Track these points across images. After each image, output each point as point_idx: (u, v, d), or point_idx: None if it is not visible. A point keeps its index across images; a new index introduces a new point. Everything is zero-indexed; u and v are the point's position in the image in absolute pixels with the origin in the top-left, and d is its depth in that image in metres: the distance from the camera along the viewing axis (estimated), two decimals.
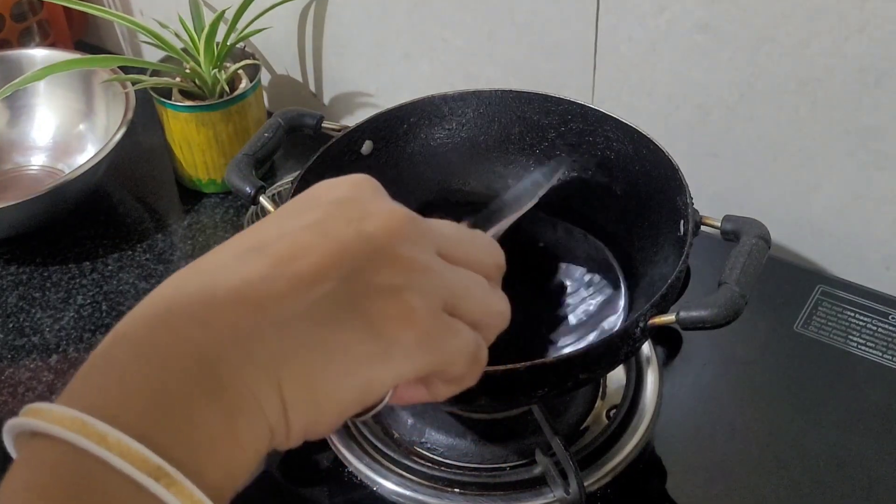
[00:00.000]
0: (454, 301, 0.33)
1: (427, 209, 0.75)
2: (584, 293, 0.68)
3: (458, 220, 0.72)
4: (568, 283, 0.69)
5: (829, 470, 0.63)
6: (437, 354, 0.33)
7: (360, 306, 0.31)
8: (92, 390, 0.28)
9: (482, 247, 0.38)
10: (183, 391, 0.28)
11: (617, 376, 0.69)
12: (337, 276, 0.31)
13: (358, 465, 0.64)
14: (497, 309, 0.36)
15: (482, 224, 0.65)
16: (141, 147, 1.00)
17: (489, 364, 0.35)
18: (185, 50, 0.91)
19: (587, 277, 0.69)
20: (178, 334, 0.29)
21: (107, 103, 0.95)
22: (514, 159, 0.75)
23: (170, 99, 0.89)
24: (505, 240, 0.73)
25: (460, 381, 0.36)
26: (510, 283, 0.71)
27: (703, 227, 0.62)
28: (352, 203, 0.33)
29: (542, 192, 0.69)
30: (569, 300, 0.68)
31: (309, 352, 0.30)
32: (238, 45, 0.93)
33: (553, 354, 0.53)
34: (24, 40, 1.10)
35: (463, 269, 0.35)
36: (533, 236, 0.73)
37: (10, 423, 0.28)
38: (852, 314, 0.73)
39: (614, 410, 0.67)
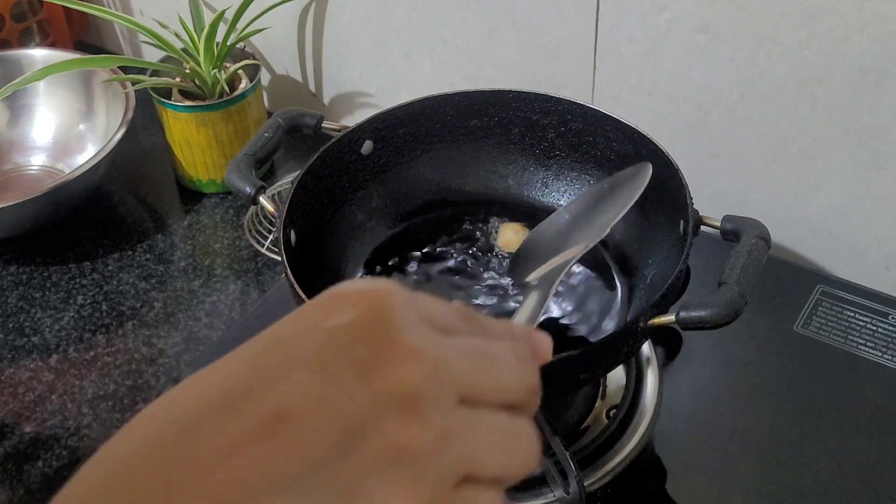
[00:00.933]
0: (472, 468, 0.28)
1: (427, 209, 0.75)
2: (583, 293, 0.68)
3: (458, 221, 0.71)
4: (567, 283, 0.69)
5: (829, 470, 0.63)
6: None
7: (353, 489, 0.26)
8: None
9: (512, 371, 0.31)
10: None
11: (617, 376, 0.69)
12: (332, 449, 0.26)
13: None
14: (522, 458, 0.30)
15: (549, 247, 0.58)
16: (141, 147, 1.00)
17: None
18: (185, 50, 0.91)
19: (587, 277, 0.69)
20: None
21: (107, 103, 0.96)
22: (514, 159, 0.75)
23: (170, 99, 0.89)
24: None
25: None
26: (510, 286, 0.71)
27: (703, 227, 0.62)
28: (366, 337, 0.27)
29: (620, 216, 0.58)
30: (568, 300, 0.68)
31: None
32: (238, 45, 0.93)
33: (553, 354, 0.53)
34: (24, 40, 1.10)
35: (486, 413, 0.29)
36: None
37: None
38: (852, 314, 0.73)
39: (614, 410, 0.67)
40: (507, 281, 0.69)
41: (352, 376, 0.26)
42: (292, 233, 0.65)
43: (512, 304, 0.67)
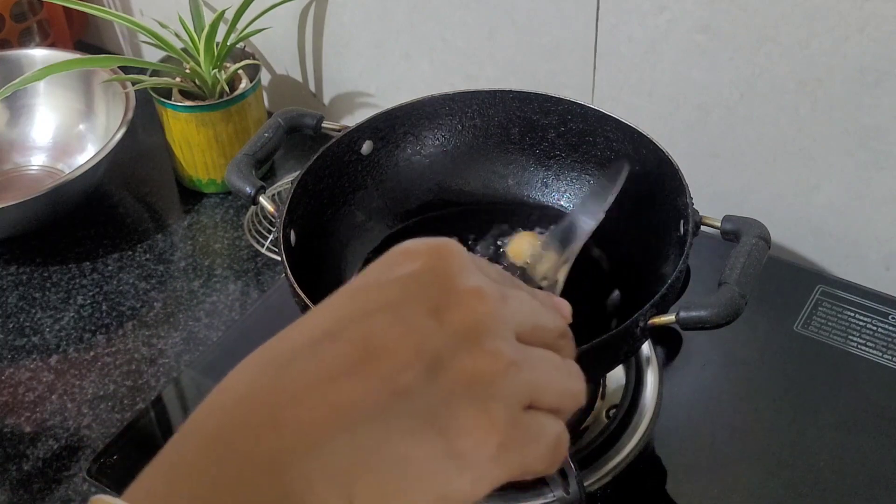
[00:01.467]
0: (536, 395, 0.31)
1: (427, 209, 0.75)
2: (583, 293, 0.68)
3: (458, 221, 0.72)
4: (568, 282, 0.69)
5: (829, 470, 0.63)
6: (518, 465, 0.30)
7: (439, 416, 0.29)
8: (160, 485, 0.28)
9: (550, 316, 0.35)
10: (251, 499, 0.27)
11: (617, 376, 0.69)
12: (416, 378, 0.29)
13: None
14: (575, 391, 0.34)
15: (558, 244, 0.63)
16: (141, 147, 1.00)
17: None
18: (185, 50, 0.91)
19: (587, 277, 0.69)
20: (249, 436, 0.28)
21: (107, 103, 0.95)
22: (514, 159, 0.75)
23: (170, 99, 0.89)
24: (505, 240, 0.73)
25: (538, 474, 0.32)
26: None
27: (703, 227, 0.62)
28: (433, 282, 0.31)
29: (611, 199, 0.64)
30: (568, 300, 0.68)
31: (384, 466, 0.28)
32: (238, 45, 0.93)
33: None
34: (24, 40, 1.10)
35: (540, 350, 0.33)
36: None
37: None
38: (852, 314, 0.73)
39: (614, 410, 0.67)
40: None
41: (425, 316, 0.30)
42: (292, 233, 0.65)
43: None
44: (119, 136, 0.88)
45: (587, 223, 0.62)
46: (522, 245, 0.70)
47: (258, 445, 0.28)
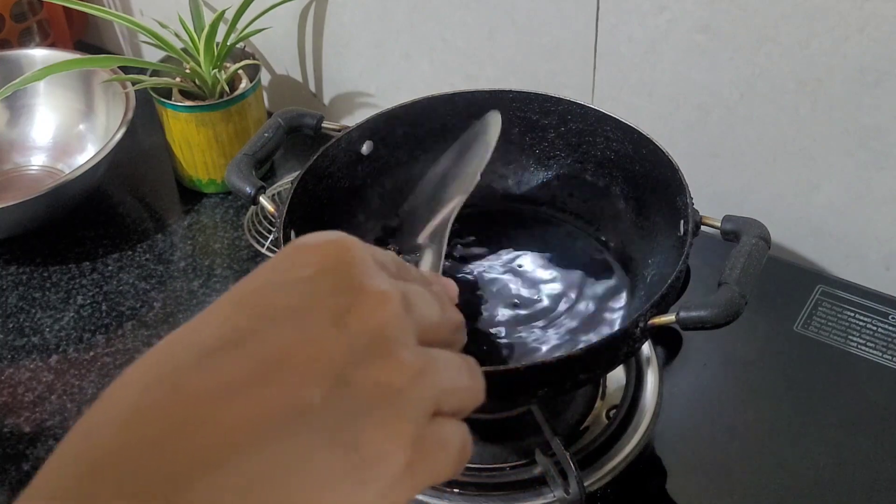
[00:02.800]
0: (441, 401, 0.30)
1: None
2: (583, 293, 0.68)
3: (459, 220, 0.72)
4: (567, 283, 0.69)
5: (829, 470, 0.63)
6: (428, 476, 0.29)
7: (346, 431, 0.27)
8: (49, 490, 0.26)
9: (447, 309, 0.34)
10: None
11: (617, 376, 0.69)
12: (320, 392, 0.27)
13: None
14: (476, 389, 0.33)
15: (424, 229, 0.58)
16: (141, 147, 1.00)
17: (489, 364, 0.35)
18: (185, 50, 0.91)
19: (587, 278, 0.69)
20: (138, 460, 0.25)
21: (107, 103, 0.95)
22: (514, 159, 0.75)
23: (170, 99, 0.89)
24: (507, 239, 0.73)
25: (445, 480, 0.31)
26: (511, 285, 0.71)
27: (703, 227, 0.62)
28: (334, 284, 0.29)
29: (485, 161, 0.58)
30: (568, 300, 0.68)
31: (289, 484, 0.26)
32: (238, 45, 0.93)
33: (553, 354, 0.53)
34: (24, 40, 1.10)
35: (441, 351, 0.31)
36: (533, 236, 0.73)
37: None
38: (852, 314, 0.73)
39: (614, 410, 0.67)
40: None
41: (328, 323, 0.28)
42: (292, 233, 0.65)
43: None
44: (119, 136, 0.88)
45: (462, 193, 0.57)
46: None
47: (147, 471, 0.25)
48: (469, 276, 0.70)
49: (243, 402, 0.27)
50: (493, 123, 0.62)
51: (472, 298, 0.68)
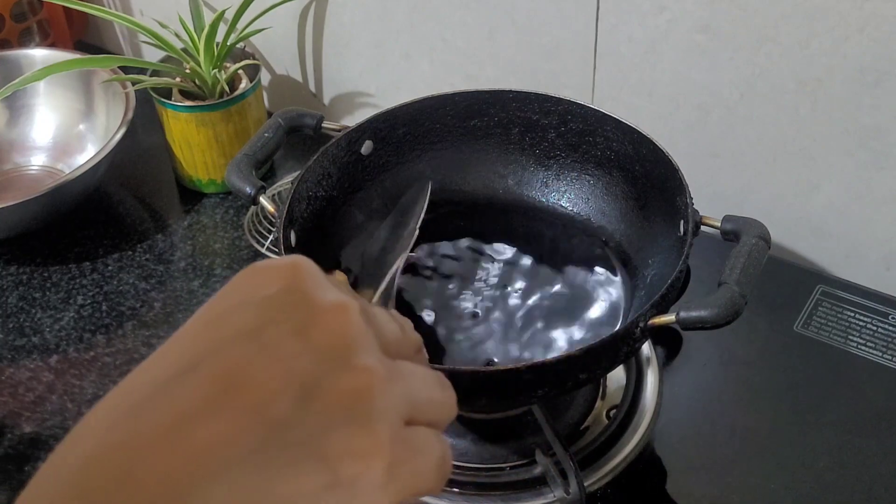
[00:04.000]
0: (413, 410, 0.29)
1: (427, 209, 0.75)
2: (583, 293, 0.68)
3: (459, 220, 0.72)
4: (567, 283, 0.69)
5: (829, 470, 0.63)
6: (410, 485, 0.28)
7: (319, 444, 0.26)
8: None
9: (406, 328, 0.34)
10: None
11: (617, 376, 0.69)
12: (288, 407, 0.26)
13: None
14: (449, 402, 0.32)
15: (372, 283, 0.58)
16: (141, 147, 1.00)
17: (489, 364, 0.35)
18: (185, 50, 0.91)
19: (587, 278, 0.69)
20: (102, 501, 0.24)
21: (107, 103, 0.95)
22: (514, 159, 0.75)
23: (170, 99, 0.89)
24: (507, 239, 0.73)
25: (427, 493, 0.30)
26: (510, 285, 0.71)
27: (703, 227, 0.62)
28: (291, 302, 0.29)
29: (416, 224, 0.62)
30: (568, 300, 0.68)
31: None
32: (238, 45, 0.93)
33: (553, 354, 0.53)
34: (24, 40, 1.10)
35: (407, 363, 0.30)
36: (533, 236, 0.73)
37: None
38: (852, 314, 0.73)
39: (614, 410, 0.67)
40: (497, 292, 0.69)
41: (289, 338, 0.27)
42: (292, 233, 0.65)
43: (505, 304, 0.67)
44: (119, 136, 0.88)
45: (402, 251, 0.58)
46: None
47: None
48: (467, 276, 0.70)
49: (203, 429, 0.25)
50: (424, 189, 0.66)
51: (470, 298, 0.68)
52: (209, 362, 0.27)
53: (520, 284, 0.69)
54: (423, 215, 0.62)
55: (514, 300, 0.68)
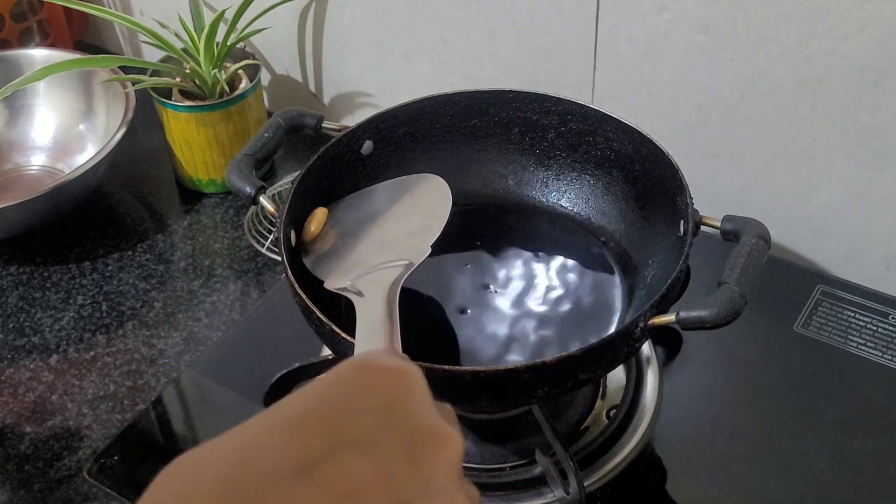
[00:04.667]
0: None
1: None
2: (583, 293, 0.68)
3: (459, 220, 0.71)
4: (567, 283, 0.69)
5: (829, 470, 0.63)
6: None
7: None
8: None
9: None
10: None
11: (617, 376, 0.69)
12: None
13: None
14: None
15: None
16: (141, 147, 1.00)
17: (489, 364, 0.35)
18: (185, 50, 0.91)
19: (587, 277, 0.69)
20: None
21: (107, 103, 0.95)
22: (514, 159, 0.75)
23: (170, 99, 0.89)
24: (507, 239, 0.73)
25: None
26: (511, 285, 0.71)
27: (703, 227, 0.62)
28: (403, 419, 0.30)
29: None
30: (568, 300, 0.68)
31: None
32: (238, 45, 0.93)
33: (552, 354, 0.53)
34: (24, 40, 1.10)
35: (468, 485, 0.33)
36: (533, 236, 0.73)
37: None
38: (852, 314, 0.73)
39: (614, 410, 0.67)
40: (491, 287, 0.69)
41: (403, 461, 0.28)
42: (292, 233, 0.65)
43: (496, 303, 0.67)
44: (119, 136, 0.88)
45: (412, 260, 0.60)
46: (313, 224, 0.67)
47: None
48: (467, 276, 0.70)
49: None
50: (444, 190, 0.67)
51: (470, 298, 0.68)
52: (323, 468, 0.27)
53: (519, 284, 0.69)
54: (438, 234, 0.63)
55: (513, 300, 0.68)
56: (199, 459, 0.27)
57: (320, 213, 0.66)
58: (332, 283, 0.59)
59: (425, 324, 0.67)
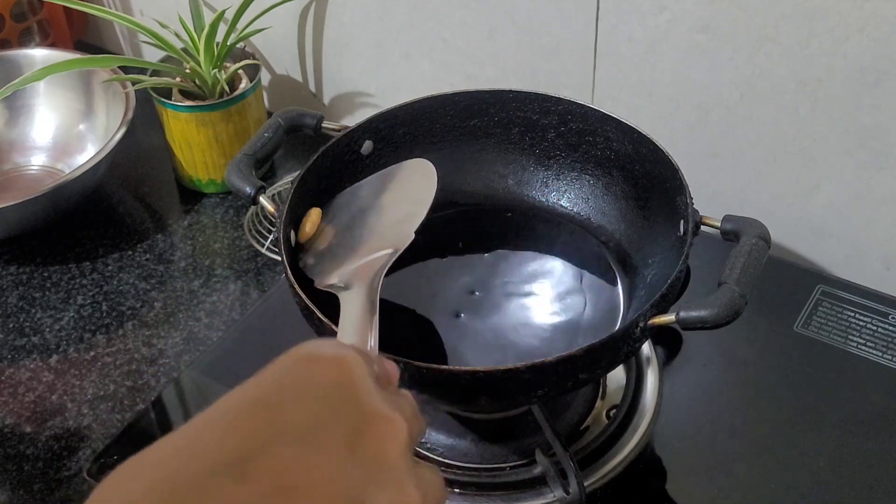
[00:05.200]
0: None
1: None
2: (583, 293, 0.68)
3: (459, 220, 0.71)
4: (567, 283, 0.69)
5: (829, 470, 0.63)
6: None
7: None
8: None
9: (421, 418, 0.35)
10: None
11: (617, 376, 0.69)
12: None
13: None
14: (445, 497, 0.34)
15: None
16: (141, 147, 1.00)
17: (489, 364, 0.34)
18: (185, 50, 0.91)
19: (587, 277, 0.69)
20: None
21: (107, 103, 0.96)
22: (514, 159, 0.75)
23: (170, 99, 0.89)
24: (507, 239, 0.73)
25: None
26: (511, 285, 0.71)
27: (703, 227, 0.62)
28: (345, 401, 0.29)
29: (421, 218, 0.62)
30: (568, 300, 0.68)
31: None
32: (238, 45, 0.93)
33: (553, 354, 0.53)
34: (24, 40, 1.10)
35: (426, 469, 0.32)
36: (533, 236, 0.73)
37: None
38: (852, 314, 0.73)
39: (614, 410, 0.67)
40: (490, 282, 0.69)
41: (343, 448, 0.28)
42: (292, 233, 0.65)
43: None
44: (119, 136, 0.88)
45: (396, 246, 0.59)
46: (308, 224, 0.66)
47: None
48: (468, 276, 0.70)
49: None
50: (428, 172, 0.65)
51: (471, 298, 0.68)
52: (259, 461, 0.26)
53: (519, 284, 0.69)
54: (422, 219, 0.62)
55: (513, 300, 0.68)
56: (140, 462, 0.27)
57: (314, 214, 0.66)
58: (322, 282, 0.59)
59: (424, 325, 0.67)
